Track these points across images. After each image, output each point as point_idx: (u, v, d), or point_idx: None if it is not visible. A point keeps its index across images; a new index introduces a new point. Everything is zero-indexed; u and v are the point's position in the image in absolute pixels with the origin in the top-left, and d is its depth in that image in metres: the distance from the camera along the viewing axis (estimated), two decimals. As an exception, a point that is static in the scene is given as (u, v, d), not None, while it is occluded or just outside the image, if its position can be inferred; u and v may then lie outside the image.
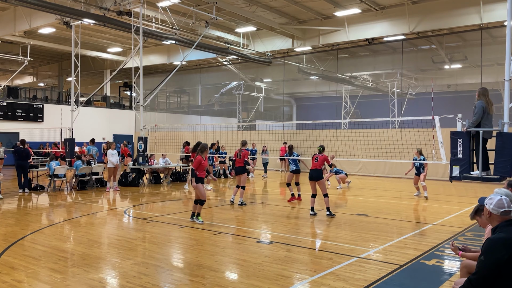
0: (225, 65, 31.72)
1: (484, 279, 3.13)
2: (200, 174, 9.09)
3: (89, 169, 15.12)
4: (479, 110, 7.76)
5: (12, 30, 22.39)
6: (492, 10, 18.01)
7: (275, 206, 11.89)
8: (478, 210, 4.15)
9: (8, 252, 6.76)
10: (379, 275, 5.69)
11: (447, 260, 6.58)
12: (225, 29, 24.00)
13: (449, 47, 24.65)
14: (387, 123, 21.72)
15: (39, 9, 17.63)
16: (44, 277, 5.56)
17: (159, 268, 6.01)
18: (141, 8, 17.32)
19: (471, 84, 26.36)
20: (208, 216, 10.08)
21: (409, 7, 19.88)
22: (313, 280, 5.53)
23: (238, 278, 5.66)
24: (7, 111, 25.78)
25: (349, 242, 7.64)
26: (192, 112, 36.77)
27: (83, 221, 9.54)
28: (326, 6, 20.48)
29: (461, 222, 9.36)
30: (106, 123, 30.53)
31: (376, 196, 14.08)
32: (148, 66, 30.03)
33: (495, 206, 3.36)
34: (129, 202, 12.64)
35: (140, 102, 17.76)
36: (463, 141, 8.00)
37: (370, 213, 10.63)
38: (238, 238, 7.93)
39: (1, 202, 12.05)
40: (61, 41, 27.00)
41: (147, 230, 8.58)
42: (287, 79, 30.56)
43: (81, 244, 7.28)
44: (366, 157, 17.25)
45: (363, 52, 27.62)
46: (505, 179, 7.36)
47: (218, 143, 18.62)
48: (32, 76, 39.48)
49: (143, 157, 16.69)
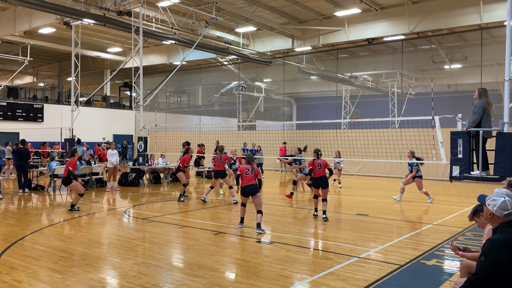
0: (225, 65, 31.72)
1: (484, 280, 3.12)
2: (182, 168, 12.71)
3: (89, 169, 15.12)
4: (479, 109, 7.76)
5: (12, 30, 22.39)
6: (492, 10, 18.02)
7: (275, 206, 11.89)
8: (477, 211, 4.15)
9: (8, 252, 6.76)
10: (379, 275, 5.69)
11: (447, 260, 6.58)
12: (225, 29, 24.01)
13: (449, 47, 24.65)
14: (387, 123, 21.72)
15: (39, 9, 17.63)
16: (44, 277, 5.56)
17: (159, 268, 6.01)
18: (141, 8, 17.32)
19: (471, 84, 26.37)
20: (208, 216, 10.09)
21: (409, 7, 19.88)
22: (313, 280, 5.53)
23: (238, 278, 5.66)
24: (7, 111, 25.78)
25: (349, 242, 7.64)
26: (192, 112, 36.78)
27: (83, 221, 9.55)
28: (326, 6, 20.48)
29: (461, 222, 9.36)
30: (106, 123, 30.52)
31: (376, 196, 14.08)
32: (148, 66, 30.04)
33: (499, 208, 3.31)
34: (129, 202, 12.64)
35: (140, 102, 17.76)
36: (463, 141, 8.01)
37: (370, 213, 10.63)
38: (238, 238, 7.93)
39: (1, 202, 12.05)
40: (61, 41, 27.00)
41: (147, 230, 8.58)
42: (287, 79, 30.58)
43: (81, 244, 7.28)
44: (366, 157, 17.26)
45: (363, 52, 27.63)
46: (505, 179, 7.36)
47: (218, 143, 18.61)
48: (32, 76, 39.47)
49: (143, 157, 16.69)
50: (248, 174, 8.44)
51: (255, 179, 8.45)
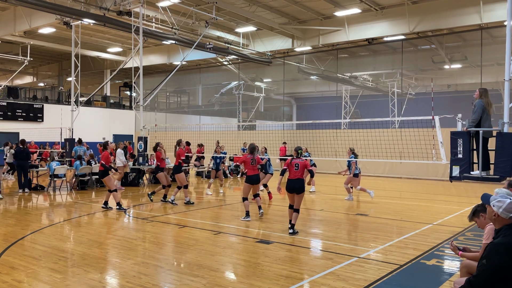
0: (225, 65, 31.72)
1: (485, 283, 3.09)
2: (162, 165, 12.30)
3: (89, 169, 15.12)
4: (478, 108, 7.76)
5: (12, 30, 22.38)
6: (492, 10, 18.01)
7: (275, 206, 11.90)
8: (476, 211, 4.15)
9: (8, 252, 6.76)
10: (379, 275, 5.69)
11: (447, 260, 6.58)
12: (225, 29, 24.00)
13: (449, 47, 24.65)
14: (387, 123, 21.71)
15: (39, 9, 17.62)
16: (44, 277, 5.56)
17: (159, 268, 6.01)
18: (141, 8, 17.31)
19: (471, 84, 26.36)
20: (208, 216, 10.09)
21: (409, 7, 19.88)
22: (313, 280, 5.53)
23: (238, 278, 5.66)
24: (7, 111, 25.76)
25: (349, 242, 7.64)
26: (192, 112, 36.76)
27: (83, 221, 9.55)
28: (326, 6, 20.48)
29: (461, 222, 9.36)
30: (106, 123, 30.50)
31: (376, 196, 14.07)
32: (148, 66, 30.03)
33: (505, 210, 3.23)
34: (129, 202, 12.64)
35: (140, 102, 17.76)
36: (463, 141, 8.01)
37: (370, 213, 10.64)
38: (238, 238, 7.93)
39: (2, 202, 12.05)
40: (61, 41, 26.99)
41: (147, 230, 8.58)
42: (287, 79, 30.57)
43: (81, 244, 7.28)
44: (366, 157, 17.25)
45: (363, 52, 27.62)
46: (505, 179, 7.36)
47: (218, 143, 18.60)
48: (32, 76, 39.45)
49: (143, 157, 16.69)
50: (253, 164, 9.57)
51: (257, 168, 9.62)
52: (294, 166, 8.32)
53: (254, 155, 9.61)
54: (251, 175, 9.56)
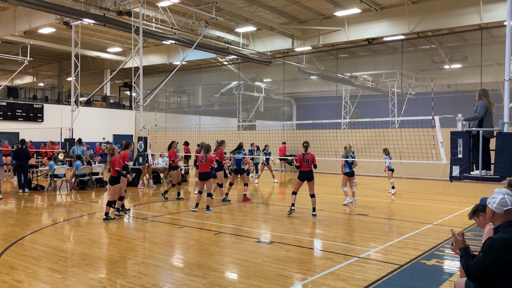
0: (225, 65, 31.72)
1: (480, 273, 3.20)
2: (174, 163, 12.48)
3: (89, 169, 15.12)
4: (482, 108, 7.74)
5: (12, 30, 22.39)
6: (492, 10, 18.02)
7: (275, 206, 11.90)
8: (477, 210, 4.15)
9: (8, 252, 6.76)
10: (379, 275, 5.69)
11: (447, 260, 6.58)
12: (225, 29, 24.01)
13: (449, 47, 24.65)
14: (387, 123, 21.72)
15: (39, 9, 17.62)
16: (44, 277, 5.56)
17: (159, 268, 6.01)
18: (141, 8, 17.31)
19: (471, 84, 26.38)
20: (208, 216, 10.08)
21: (409, 7, 19.88)
22: (313, 280, 5.53)
23: (238, 278, 5.66)
24: (7, 111, 25.77)
25: (349, 242, 7.64)
26: (192, 112, 36.76)
27: (83, 221, 9.55)
28: (326, 6, 20.48)
29: (461, 222, 9.36)
30: (106, 123, 30.52)
31: (376, 196, 14.08)
32: (148, 66, 30.03)
33: (498, 205, 3.35)
34: (129, 202, 12.63)
35: (140, 102, 17.76)
36: (463, 141, 8.00)
37: (370, 213, 10.63)
38: (238, 238, 7.93)
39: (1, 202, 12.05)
40: (61, 41, 26.99)
41: (147, 230, 8.58)
42: (287, 79, 30.57)
43: (81, 244, 7.28)
44: (366, 157, 17.25)
45: (363, 52, 27.63)
46: (505, 179, 7.36)
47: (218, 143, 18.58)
48: (32, 76, 39.47)
49: (143, 157, 16.68)
50: (202, 162, 10.45)
51: (209, 166, 10.50)
52: (305, 161, 10.03)
53: (206, 154, 10.51)
54: (201, 172, 10.49)
